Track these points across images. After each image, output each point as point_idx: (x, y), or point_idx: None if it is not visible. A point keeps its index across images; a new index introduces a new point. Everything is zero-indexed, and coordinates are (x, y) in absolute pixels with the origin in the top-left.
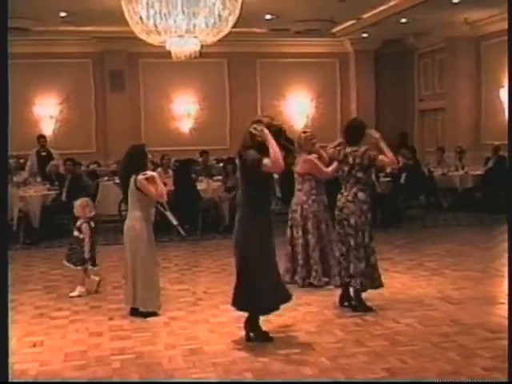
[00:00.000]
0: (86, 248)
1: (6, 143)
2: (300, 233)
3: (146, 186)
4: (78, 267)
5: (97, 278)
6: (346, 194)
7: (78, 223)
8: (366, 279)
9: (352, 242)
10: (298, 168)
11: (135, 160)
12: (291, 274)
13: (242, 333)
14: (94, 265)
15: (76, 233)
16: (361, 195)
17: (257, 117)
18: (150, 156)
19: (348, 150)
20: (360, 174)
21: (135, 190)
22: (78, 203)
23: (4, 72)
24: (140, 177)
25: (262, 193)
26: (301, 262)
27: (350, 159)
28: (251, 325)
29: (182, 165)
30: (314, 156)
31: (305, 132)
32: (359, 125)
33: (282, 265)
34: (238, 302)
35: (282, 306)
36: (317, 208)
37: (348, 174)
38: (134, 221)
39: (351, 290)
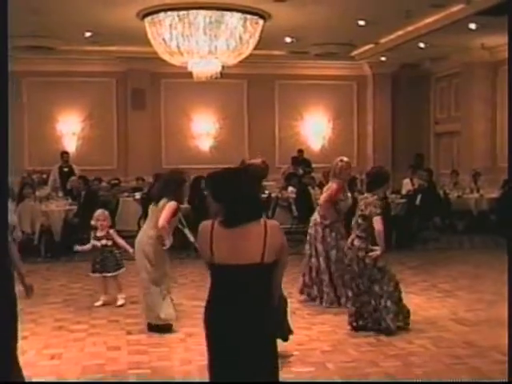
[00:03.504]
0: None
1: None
2: (313, 252)
3: (166, 214)
4: (116, 272)
5: (122, 301)
6: (349, 238)
7: (102, 233)
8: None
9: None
10: (325, 192)
11: (171, 186)
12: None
13: None
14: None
15: (104, 241)
16: (356, 242)
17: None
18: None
19: (364, 195)
20: (360, 220)
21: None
22: (98, 215)
23: (4, 81)
24: (172, 203)
25: None
26: (315, 280)
27: (361, 204)
28: None
29: (193, 182)
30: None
31: (342, 161)
32: (378, 173)
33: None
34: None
35: (297, 325)
36: (328, 233)
37: (356, 218)
38: (148, 239)
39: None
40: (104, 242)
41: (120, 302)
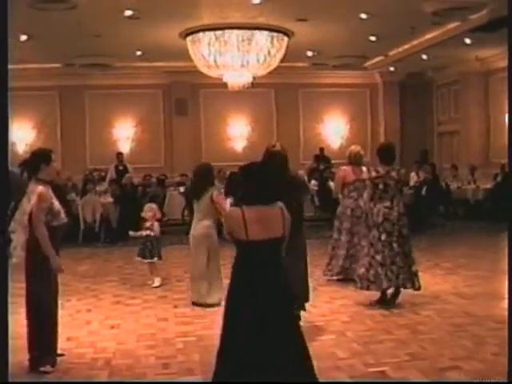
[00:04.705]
0: (155, 243)
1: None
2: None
3: (221, 202)
4: (147, 260)
5: (157, 284)
6: (396, 208)
7: (149, 224)
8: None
9: (400, 249)
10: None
11: (207, 177)
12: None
13: None
14: (160, 258)
15: (148, 232)
16: (403, 217)
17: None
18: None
19: (388, 167)
20: (405, 190)
21: (210, 203)
22: (146, 208)
23: (4, 79)
24: (216, 192)
25: None
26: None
27: (394, 174)
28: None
29: (229, 176)
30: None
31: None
32: (390, 146)
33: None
34: None
35: (320, 300)
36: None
37: (394, 189)
38: (208, 229)
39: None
40: (148, 232)
41: (155, 284)
